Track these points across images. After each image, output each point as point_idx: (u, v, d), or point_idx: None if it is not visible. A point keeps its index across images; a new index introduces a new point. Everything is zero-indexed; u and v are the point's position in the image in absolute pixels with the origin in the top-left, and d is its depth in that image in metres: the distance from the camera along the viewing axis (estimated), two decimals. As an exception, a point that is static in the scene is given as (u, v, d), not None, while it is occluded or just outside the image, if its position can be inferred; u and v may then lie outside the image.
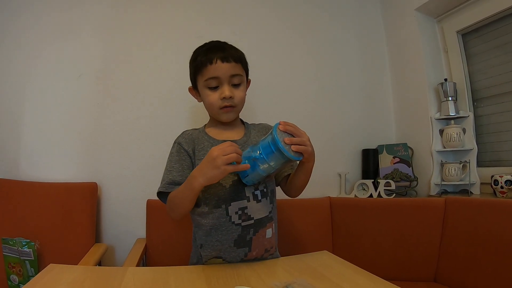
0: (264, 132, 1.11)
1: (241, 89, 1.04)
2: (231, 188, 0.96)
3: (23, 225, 1.40)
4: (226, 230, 0.95)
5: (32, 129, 1.55)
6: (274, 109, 1.79)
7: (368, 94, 2.01)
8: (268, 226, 0.99)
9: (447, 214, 1.46)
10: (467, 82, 1.77)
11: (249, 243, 0.96)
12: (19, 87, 1.55)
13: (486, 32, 1.69)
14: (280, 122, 0.86)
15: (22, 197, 1.44)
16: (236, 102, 1.02)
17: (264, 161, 0.84)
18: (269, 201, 1.01)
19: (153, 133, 1.64)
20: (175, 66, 1.69)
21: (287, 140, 0.83)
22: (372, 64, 2.04)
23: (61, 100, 1.58)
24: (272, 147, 0.82)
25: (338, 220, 1.64)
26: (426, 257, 1.48)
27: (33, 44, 1.57)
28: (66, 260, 1.36)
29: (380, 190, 1.72)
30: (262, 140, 0.87)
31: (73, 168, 1.57)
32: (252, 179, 0.91)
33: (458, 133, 1.68)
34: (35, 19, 1.58)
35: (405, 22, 1.91)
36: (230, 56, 1.00)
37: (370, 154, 1.90)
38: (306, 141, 0.87)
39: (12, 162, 1.52)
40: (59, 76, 1.59)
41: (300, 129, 0.89)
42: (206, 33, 1.70)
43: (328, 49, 1.96)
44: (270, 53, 1.84)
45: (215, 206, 0.96)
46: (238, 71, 1.02)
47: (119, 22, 1.66)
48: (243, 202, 0.96)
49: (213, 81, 1.00)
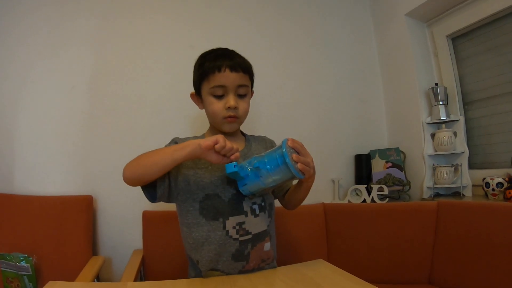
0: (264, 145, 1.12)
1: (246, 101, 1.03)
2: (230, 202, 0.95)
3: (20, 239, 1.39)
4: (224, 244, 0.94)
5: (26, 142, 1.55)
6: (264, 116, 1.80)
7: (360, 99, 2.03)
8: (267, 240, 0.99)
9: (440, 217, 1.48)
10: (458, 85, 1.80)
11: (247, 257, 0.96)
12: (12, 101, 1.55)
13: (476, 35, 1.72)
14: (289, 139, 0.86)
15: (18, 211, 1.43)
16: (240, 114, 1.01)
17: (267, 173, 0.85)
18: (267, 214, 1.01)
19: (147, 144, 1.59)
20: (167, 76, 1.70)
21: (295, 157, 0.84)
22: (363, 69, 2.06)
23: (55, 112, 1.58)
24: (279, 161, 0.83)
25: (332, 226, 1.66)
26: (420, 260, 1.50)
27: (25, 58, 1.57)
28: (64, 273, 1.37)
29: (373, 195, 1.74)
30: (268, 153, 0.87)
31: (68, 180, 1.56)
32: (250, 189, 0.90)
33: (449, 137, 1.70)
34: (27, 34, 1.58)
35: (395, 27, 1.94)
36: (239, 66, 0.98)
37: (363, 159, 1.91)
38: (310, 162, 0.88)
39: (6, 176, 1.51)
40: (52, 88, 1.59)
41: (306, 149, 0.90)
42: (197, 42, 1.72)
43: (318, 54, 1.98)
44: (260, 61, 1.82)
45: (212, 218, 0.95)
46: (245, 81, 1.01)
47: (111, 33, 1.67)
48: (241, 217, 0.95)
49: (219, 89, 0.98)
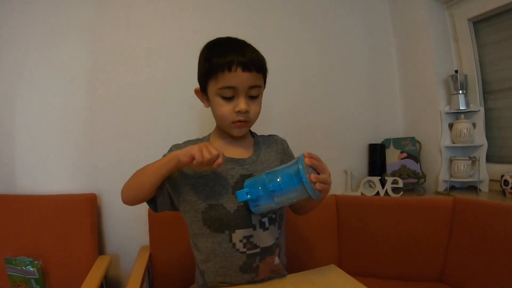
0: (275, 148, 1.03)
1: (257, 103, 0.93)
2: (236, 213, 0.89)
3: (24, 242, 1.36)
4: (231, 257, 0.89)
5: (25, 140, 1.48)
6: (274, 105, 1.71)
7: (374, 85, 1.92)
8: (276, 253, 0.95)
9: (456, 214, 1.43)
10: (478, 73, 1.69)
11: (256, 270, 0.91)
12: (7, 98, 1.47)
13: (499, 21, 1.59)
14: (305, 155, 0.77)
15: (21, 212, 1.39)
16: (251, 117, 0.92)
17: (281, 194, 0.77)
18: (277, 227, 0.95)
19: (150, 138, 1.58)
20: (170, 64, 1.60)
21: (313, 178, 0.75)
22: (378, 53, 1.93)
23: (53, 108, 1.50)
24: (294, 181, 0.75)
25: (344, 218, 1.62)
26: (432, 257, 1.46)
27: (19, 52, 1.48)
28: (71, 275, 1.36)
29: (387, 187, 1.69)
30: (283, 170, 0.79)
31: (70, 178, 1.52)
32: (263, 210, 0.83)
33: (468, 129, 1.62)
34: (21, 26, 1.48)
35: (412, 8, 1.80)
36: (252, 64, 0.87)
37: (377, 149, 1.84)
38: (328, 178, 0.79)
39: (7, 176, 1.46)
40: (49, 82, 1.50)
41: (323, 163, 0.80)
42: (201, 27, 1.61)
43: (332, 38, 1.85)
44: (271, 45, 1.72)
45: (217, 230, 0.90)
46: (258, 81, 0.90)
47: (109, 20, 1.55)
48: (248, 231, 0.89)
49: (229, 91, 0.87)
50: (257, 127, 1.06)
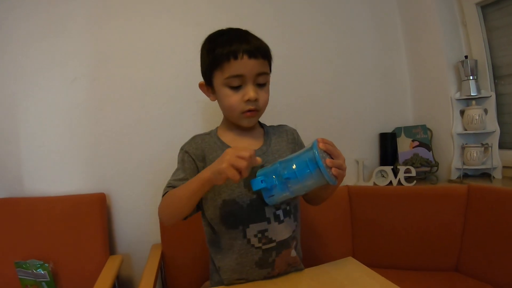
0: (285, 137, 1.00)
1: (265, 90, 0.91)
2: (249, 208, 0.87)
3: (34, 244, 1.34)
4: (246, 253, 0.88)
5: (31, 141, 1.46)
6: (282, 94, 1.67)
7: (383, 73, 1.88)
8: (293, 246, 0.92)
9: (470, 202, 1.41)
10: (488, 58, 1.65)
11: (272, 264, 0.89)
12: (11, 100, 1.45)
13: (507, 4, 1.56)
14: (319, 140, 0.74)
15: (29, 214, 1.37)
16: (260, 106, 0.89)
17: (297, 182, 0.74)
18: (293, 219, 0.93)
19: (158, 135, 1.55)
20: (174, 58, 1.57)
21: (328, 163, 0.72)
22: (386, 41, 1.90)
23: (58, 107, 1.47)
24: (310, 168, 0.72)
25: (357, 210, 1.59)
26: (447, 246, 1.44)
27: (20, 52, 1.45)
28: (83, 276, 1.34)
29: (400, 177, 1.66)
30: (297, 157, 0.76)
31: (78, 178, 1.49)
32: (277, 200, 0.79)
33: (480, 115, 1.59)
34: (22, 19, 1.45)
35: (419, -6, 1.76)
36: (258, 51, 0.85)
37: (388, 138, 1.81)
38: (343, 164, 0.76)
39: (14, 179, 1.43)
40: (53, 81, 1.47)
41: (337, 149, 0.78)
42: (205, 19, 1.58)
43: (340, 27, 1.81)
44: (279, 35, 1.69)
45: (231, 226, 0.88)
46: (265, 68, 0.88)
47: (112, 15, 1.52)
48: (263, 224, 0.87)
49: (236, 79, 0.85)
50: (267, 119, 1.04)
